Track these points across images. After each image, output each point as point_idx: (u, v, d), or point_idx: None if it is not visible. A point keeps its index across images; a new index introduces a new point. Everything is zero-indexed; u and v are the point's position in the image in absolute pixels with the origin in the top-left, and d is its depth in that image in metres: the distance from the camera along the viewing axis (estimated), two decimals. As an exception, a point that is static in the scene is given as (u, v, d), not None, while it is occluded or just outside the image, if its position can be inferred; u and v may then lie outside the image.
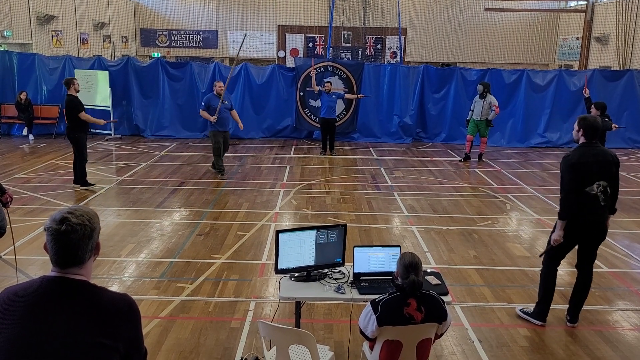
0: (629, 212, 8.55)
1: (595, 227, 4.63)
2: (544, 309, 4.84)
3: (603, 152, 4.56)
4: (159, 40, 27.10)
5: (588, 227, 4.62)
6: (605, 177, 4.54)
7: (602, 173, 4.52)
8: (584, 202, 4.52)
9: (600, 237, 4.71)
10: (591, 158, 4.48)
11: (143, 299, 5.11)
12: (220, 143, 10.01)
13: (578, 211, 4.55)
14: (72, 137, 8.92)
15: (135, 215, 7.80)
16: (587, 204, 4.52)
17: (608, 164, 4.54)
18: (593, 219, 4.59)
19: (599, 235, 4.70)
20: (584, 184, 4.50)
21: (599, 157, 4.50)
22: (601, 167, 4.51)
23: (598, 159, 4.50)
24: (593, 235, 4.68)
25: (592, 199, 4.51)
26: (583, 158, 4.48)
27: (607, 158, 4.54)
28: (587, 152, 4.52)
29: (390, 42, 26.66)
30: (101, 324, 2.02)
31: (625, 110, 14.64)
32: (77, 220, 2.05)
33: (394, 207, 8.53)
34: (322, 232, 3.98)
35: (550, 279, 4.83)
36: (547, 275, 4.84)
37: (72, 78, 9.04)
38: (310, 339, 3.24)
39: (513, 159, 12.83)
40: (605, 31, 21.19)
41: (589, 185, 4.50)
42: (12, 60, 14.46)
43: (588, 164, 4.47)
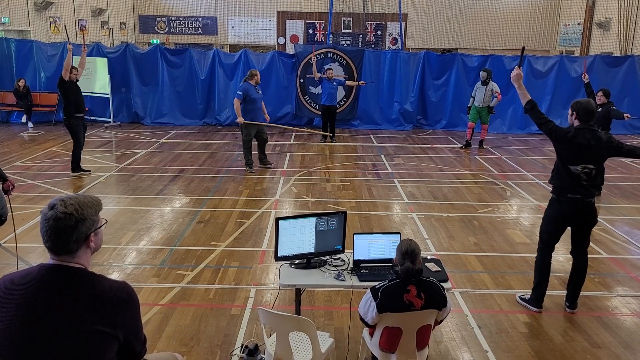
0: (629, 199, 8.55)
1: (583, 208, 4.61)
2: (539, 296, 4.87)
3: (597, 137, 4.51)
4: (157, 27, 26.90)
5: (576, 209, 4.61)
6: (593, 162, 4.52)
7: (592, 157, 4.51)
8: (567, 179, 4.55)
9: (589, 220, 4.71)
10: (584, 141, 4.47)
11: (143, 287, 5.13)
12: (251, 136, 9.57)
13: (563, 187, 4.59)
14: (67, 123, 8.91)
15: (135, 202, 7.80)
16: (570, 181, 4.54)
17: (600, 149, 4.51)
18: (573, 197, 4.57)
19: (587, 218, 4.69)
20: (569, 162, 4.52)
21: (592, 141, 4.47)
22: (592, 152, 4.49)
23: (591, 143, 4.47)
24: (583, 217, 4.68)
25: (574, 177, 4.52)
26: (577, 139, 4.47)
27: (601, 143, 4.50)
28: (582, 134, 4.49)
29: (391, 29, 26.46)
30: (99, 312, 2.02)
31: (627, 96, 14.57)
32: (63, 209, 2.03)
33: (394, 194, 8.52)
34: (322, 220, 3.97)
35: (544, 265, 4.85)
36: (541, 262, 4.87)
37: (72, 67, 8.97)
38: (311, 325, 3.25)
39: (513, 146, 12.80)
40: (607, 17, 21.02)
41: (573, 165, 4.51)
42: (10, 47, 14.37)
43: (580, 145, 4.46)
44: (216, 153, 11.32)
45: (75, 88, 8.92)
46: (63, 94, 8.88)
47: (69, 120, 8.88)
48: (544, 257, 4.86)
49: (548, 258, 4.86)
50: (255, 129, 9.57)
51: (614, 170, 10.34)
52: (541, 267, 4.86)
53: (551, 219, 4.77)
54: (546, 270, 4.85)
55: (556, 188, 4.68)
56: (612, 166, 10.58)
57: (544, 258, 4.86)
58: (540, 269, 4.86)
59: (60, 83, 8.78)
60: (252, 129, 9.55)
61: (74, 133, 8.96)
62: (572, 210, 4.63)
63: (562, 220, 4.73)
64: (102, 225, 2.19)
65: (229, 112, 14.64)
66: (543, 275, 4.85)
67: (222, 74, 14.55)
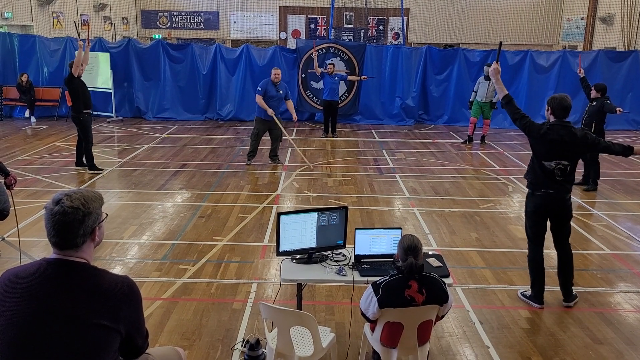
0: (631, 195, 8.53)
1: (557, 202, 4.65)
2: (538, 292, 4.87)
3: (572, 133, 4.51)
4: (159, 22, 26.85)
5: (550, 203, 4.65)
6: (568, 158, 4.53)
7: (566, 153, 4.52)
8: (539, 173, 4.59)
9: (564, 214, 4.74)
10: (557, 137, 4.47)
11: (145, 281, 5.14)
12: (260, 130, 9.61)
13: (537, 182, 4.64)
14: (77, 119, 8.89)
15: (137, 197, 7.81)
16: (544, 177, 4.58)
17: (574, 145, 4.52)
18: (550, 195, 4.61)
19: (562, 212, 4.72)
20: (543, 157, 4.55)
21: (566, 138, 4.48)
22: (566, 148, 4.50)
23: (564, 139, 4.48)
24: (557, 211, 4.71)
25: (547, 173, 4.55)
26: (550, 135, 4.49)
27: (575, 139, 4.50)
28: (556, 130, 4.51)
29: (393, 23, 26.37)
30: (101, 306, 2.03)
31: (630, 91, 14.54)
32: (70, 203, 2.04)
33: (396, 189, 8.51)
34: (323, 215, 3.97)
35: (537, 262, 4.86)
36: (533, 260, 4.88)
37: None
38: (312, 320, 3.25)
39: (515, 141, 12.77)
40: (611, 11, 20.91)
41: (547, 161, 4.53)
42: (13, 42, 14.38)
43: (554, 141, 4.48)
44: (218, 148, 11.32)
45: (83, 84, 8.91)
46: (73, 90, 8.82)
47: (78, 116, 8.84)
48: (534, 254, 4.87)
49: (538, 254, 4.86)
50: (266, 125, 9.61)
51: (617, 166, 10.32)
52: (534, 264, 4.87)
53: (529, 214, 4.82)
54: (539, 265, 4.86)
55: (531, 183, 4.75)
56: (615, 162, 10.56)
57: (534, 254, 4.88)
58: (534, 266, 4.87)
59: (70, 79, 8.72)
60: (262, 124, 9.59)
61: (84, 129, 8.92)
62: (546, 205, 4.68)
63: (539, 214, 4.76)
64: (104, 218, 2.20)
65: (230, 107, 14.64)
66: (537, 271, 4.86)
67: (224, 69, 14.54)
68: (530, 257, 4.91)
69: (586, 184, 8.68)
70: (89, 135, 8.97)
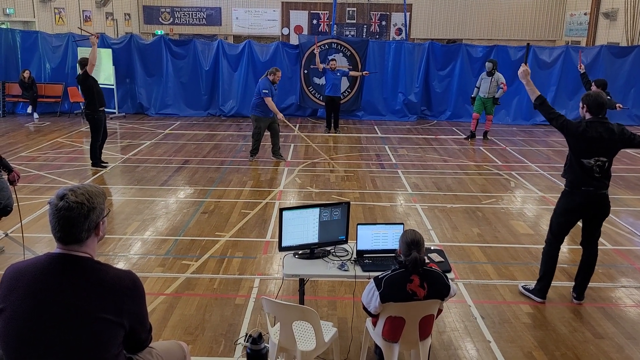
0: (633, 190, 8.52)
1: (596, 200, 4.60)
2: (544, 286, 4.87)
3: (610, 130, 4.49)
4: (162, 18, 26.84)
5: (589, 201, 4.60)
6: (606, 154, 4.51)
7: (604, 150, 4.50)
8: (579, 171, 4.55)
9: (602, 212, 4.68)
10: (596, 134, 4.44)
11: (148, 276, 5.17)
12: (261, 128, 9.65)
13: (576, 180, 4.58)
14: (91, 117, 8.89)
15: (140, 193, 7.83)
16: (581, 173, 4.54)
17: (613, 142, 4.50)
18: (592, 191, 4.56)
19: (601, 210, 4.67)
20: (582, 155, 4.51)
21: (605, 135, 4.46)
22: (605, 144, 4.48)
23: (603, 136, 4.45)
24: (595, 209, 4.66)
25: (586, 169, 4.52)
26: (589, 132, 4.45)
27: (613, 136, 4.49)
28: (594, 127, 4.47)
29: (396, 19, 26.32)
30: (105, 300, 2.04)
31: (633, 87, 14.50)
32: (75, 198, 2.06)
33: (398, 185, 8.52)
34: (325, 210, 3.99)
35: (552, 257, 4.84)
36: (549, 254, 4.85)
37: (86, 58, 8.92)
38: (314, 315, 3.27)
39: (518, 137, 12.76)
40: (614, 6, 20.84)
41: (586, 158, 4.50)
42: (15, 38, 14.39)
43: (593, 139, 4.44)
44: (220, 144, 11.33)
45: (96, 82, 8.89)
46: (88, 88, 8.74)
47: (93, 114, 8.83)
48: (553, 249, 4.84)
49: (556, 250, 4.84)
50: (267, 122, 9.64)
51: (619, 162, 10.30)
52: (549, 259, 4.84)
53: (563, 211, 4.74)
54: (554, 261, 4.84)
55: (570, 181, 4.65)
56: (617, 157, 10.47)
57: (552, 250, 4.84)
58: (548, 260, 4.85)
59: (85, 78, 8.65)
60: (262, 122, 9.61)
61: (96, 127, 8.91)
62: (585, 203, 4.61)
63: (575, 212, 4.71)
64: (107, 214, 2.23)
65: (233, 103, 14.65)
66: (550, 266, 4.84)
67: (226, 65, 14.54)
68: (547, 251, 4.86)
69: None
70: (98, 134, 8.97)
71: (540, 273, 4.90)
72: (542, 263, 4.90)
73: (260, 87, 9.45)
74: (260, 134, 9.73)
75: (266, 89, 9.37)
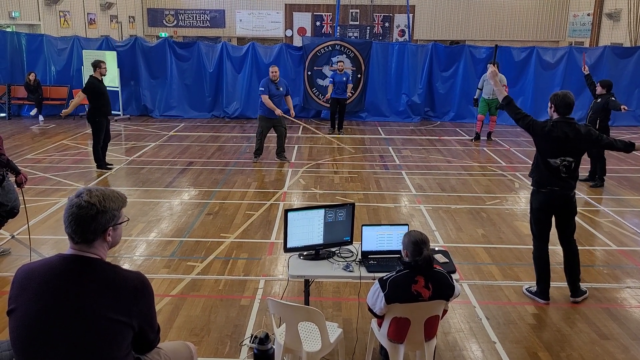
0: (638, 191, 8.51)
1: (562, 199, 4.67)
2: (544, 288, 4.89)
3: (576, 130, 4.53)
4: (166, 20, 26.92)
5: (555, 200, 4.67)
6: (572, 154, 4.55)
7: (570, 150, 4.54)
8: (545, 171, 4.60)
9: (569, 210, 4.76)
10: (562, 134, 4.49)
11: (154, 278, 5.19)
12: (264, 128, 9.67)
13: (542, 179, 4.64)
14: (92, 120, 8.94)
15: (145, 195, 7.87)
16: (549, 174, 4.59)
17: (578, 142, 4.54)
18: (556, 192, 4.63)
19: (567, 208, 4.74)
20: (548, 155, 4.56)
21: (570, 134, 4.50)
22: (570, 144, 4.52)
23: (569, 136, 4.49)
24: (562, 208, 4.72)
25: (553, 170, 4.57)
26: (554, 132, 4.50)
27: (579, 136, 4.52)
28: (559, 127, 4.51)
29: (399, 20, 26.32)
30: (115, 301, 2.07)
31: (637, 87, 14.48)
32: (88, 199, 2.09)
33: (402, 186, 8.53)
34: (330, 211, 4.01)
35: (542, 258, 4.88)
36: (538, 256, 4.90)
37: (100, 61, 8.97)
38: (319, 316, 3.29)
39: (522, 138, 12.75)
40: (617, 7, 20.80)
41: (553, 158, 4.54)
42: (21, 42, 14.48)
43: (558, 139, 4.49)
44: (224, 145, 11.37)
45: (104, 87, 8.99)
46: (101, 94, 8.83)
47: (102, 118, 8.91)
48: (539, 250, 4.89)
49: (543, 251, 4.88)
50: (270, 122, 9.66)
51: (624, 162, 10.29)
52: (539, 260, 4.89)
53: (534, 211, 4.84)
54: (544, 262, 4.88)
55: (535, 181, 4.74)
56: (621, 158, 10.53)
57: (539, 251, 4.90)
58: (538, 262, 4.89)
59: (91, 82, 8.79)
60: (265, 122, 9.64)
61: (98, 130, 8.95)
62: (552, 202, 4.69)
63: (544, 211, 4.77)
64: (123, 221, 2.23)
65: (236, 105, 14.69)
66: (543, 268, 4.88)
67: (230, 67, 14.59)
68: (535, 254, 4.93)
69: (592, 180, 8.67)
70: (99, 137, 8.99)
71: (536, 276, 4.94)
72: (535, 266, 4.96)
73: (259, 86, 9.61)
74: (263, 134, 9.76)
75: (262, 87, 9.50)
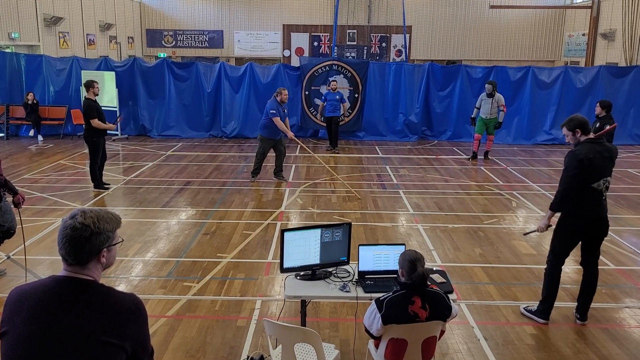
0: (635, 209, 8.51)
1: (599, 222, 4.64)
2: (547, 307, 4.84)
3: (609, 149, 4.56)
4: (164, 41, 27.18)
5: (592, 223, 4.63)
6: (609, 173, 4.57)
7: (607, 169, 4.54)
8: (590, 198, 4.53)
9: (603, 233, 4.71)
10: (598, 154, 4.48)
11: (150, 298, 5.15)
12: (265, 149, 9.67)
13: (582, 206, 4.55)
14: (89, 140, 8.94)
15: (142, 214, 7.85)
16: (592, 200, 4.54)
17: (611, 160, 4.56)
18: (598, 214, 4.61)
19: (602, 231, 4.70)
20: (591, 180, 4.49)
21: (605, 153, 4.51)
22: (606, 163, 4.53)
23: (604, 155, 4.50)
24: (597, 230, 4.68)
25: (597, 194, 4.53)
26: (591, 154, 4.46)
27: (612, 154, 4.56)
28: (593, 147, 4.50)
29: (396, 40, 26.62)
30: (108, 323, 2.04)
31: (632, 106, 14.59)
32: (82, 220, 2.07)
33: (400, 205, 8.53)
34: (327, 231, 3.99)
35: (555, 277, 4.82)
36: (552, 274, 4.84)
37: (92, 81, 8.94)
38: (316, 337, 3.26)
39: (519, 157, 12.80)
40: (612, 27, 21.06)
41: (596, 181, 4.50)
42: (20, 62, 14.58)
43: (595, 159, 4.47)
44: (222, 165, 11.38)
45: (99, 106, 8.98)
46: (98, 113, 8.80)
47: (99, 138, 8.91)
48: (555, 270, 4.82)
49: (559, 271, 4.83)
50: (272, 143, 9.68)
51: (621, 181, 10.31)
52: (552, 280, 4.82)
53: (566, 234, 4.71)
54: (557, 282, 4.82)
55: (572, 208, 4.59)
56: (619, 177, 10.56)
57: (554, 271, 4.82)
58: (551, 282, 4.82)
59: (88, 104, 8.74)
60: (268, 143, 9.64)
61: (95, 149, 8.93)
62: (588, 225, 4.63)
63: (577, 235, 4.71)
64: (117, 242, 2.22)
65: (234, 125, 14.75)
66: (553, 287, 4.81)
67: (228, 87, 14.68)
68: (549, 273, 4.84)
69: None
70: (96, 156, 8.99)
71: (543, 294, 4.87)
72: (544, 284, 4.87)
73: (268, 108, 9.50)
74: (264, 154, 9.77)
75: (273, 110, 9.40)
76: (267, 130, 9.55)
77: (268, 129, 9.52)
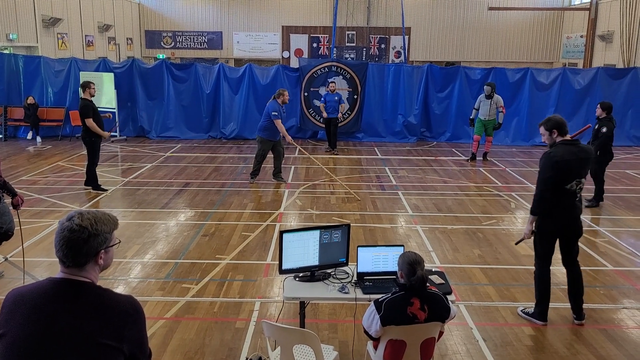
0: (634, 211, 8.52)
1: (573, 223, 4.70)
2: (543, 309, 4.86)
3: (584, 150, 4.59)
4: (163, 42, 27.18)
5: (566, 224, 4.68)
6: (583, 174, 4.59)
7: (582, 170, 4.57)
8: (562, 199, 4.57)
9: (577, 234, 4.78)
10: (573, 156, 4.50)
11: (148, 300, 5.15)
12: (265, 150, 9.66)
13: (556, 207, 4.60)
14: (87, 140, 8.93)
15: (141, 216, 7.84)
16: (565, 200, 4.58)
17: (588, 161, 4.59)
18: (571, 215, 4.66)
19: (576, 232, 4.76)
20: (565, 182, 4.53)
21: (581, 154, 4.53)
22: (582, 164, 4.55)
23: (580, 156, 4.52)
24: (570, 232, 4.74)
25: (570, 195, 4.57)
26: (567, 155, 4.49)
27: (589, 155, 4.59)
28: (569, 149, 4.53)
29: (394, 42, 26.65)
30: (106, 325, 2.04)
31: (630, 108, 14.61)
32: (79, 222, 2.07)
33: (399, 206, 8.53)
34: (325, 232, 3.99)
35: (544, 279, 4.85)
36: (540, 277, 4.87)
37: (89, 82, 8.90)
38: (315, 338, 3.26)
39: (518, 158, 12.81)
40: (610, 29, 21.11)
41: (569, 183, 4.54)
42: (18, 63, 14.55)
43: (571, 161, 4.50)
44: (221, 166, 11.38)
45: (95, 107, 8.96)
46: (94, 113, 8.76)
47: (98, 139, 8.88)
48: (543, 272, 4.86)
49: (547, 272, 4.86)
50: (271, 144, 9.67)
51: (619, 182, 10.33)
52: (541, 281, 4.86)
53: (545, 234, 4.77)
54: (547, 284, 4.85)
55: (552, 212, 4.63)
56: (617, 178, 10.57)
57: (542, 272, 4.86)
58: (541, 283, 4.86)
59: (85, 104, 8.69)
60: (268, 144, 9.64)
61: (94, 151, 8.94)
62: (565, 225, 4.69)
63: (554, 234, 4.77)
64: (114, 244, 2.21)
65: (233, 126, 14.76)
66: (545, 289, 4.84)
67: (227, 88, 14.68)
68: (538, 275, 4.87)
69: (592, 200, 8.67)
70: (95, 157, 9.00)
71: (537, 297, 4.89)
72: (536, 287, 4.91)
73: (269, 109, 9.47)
74: (263, 156, 9.76)
75: (275, 111, 9.38)
76: (266, 132, 9.53)
77: (268, 131, 9.51)
